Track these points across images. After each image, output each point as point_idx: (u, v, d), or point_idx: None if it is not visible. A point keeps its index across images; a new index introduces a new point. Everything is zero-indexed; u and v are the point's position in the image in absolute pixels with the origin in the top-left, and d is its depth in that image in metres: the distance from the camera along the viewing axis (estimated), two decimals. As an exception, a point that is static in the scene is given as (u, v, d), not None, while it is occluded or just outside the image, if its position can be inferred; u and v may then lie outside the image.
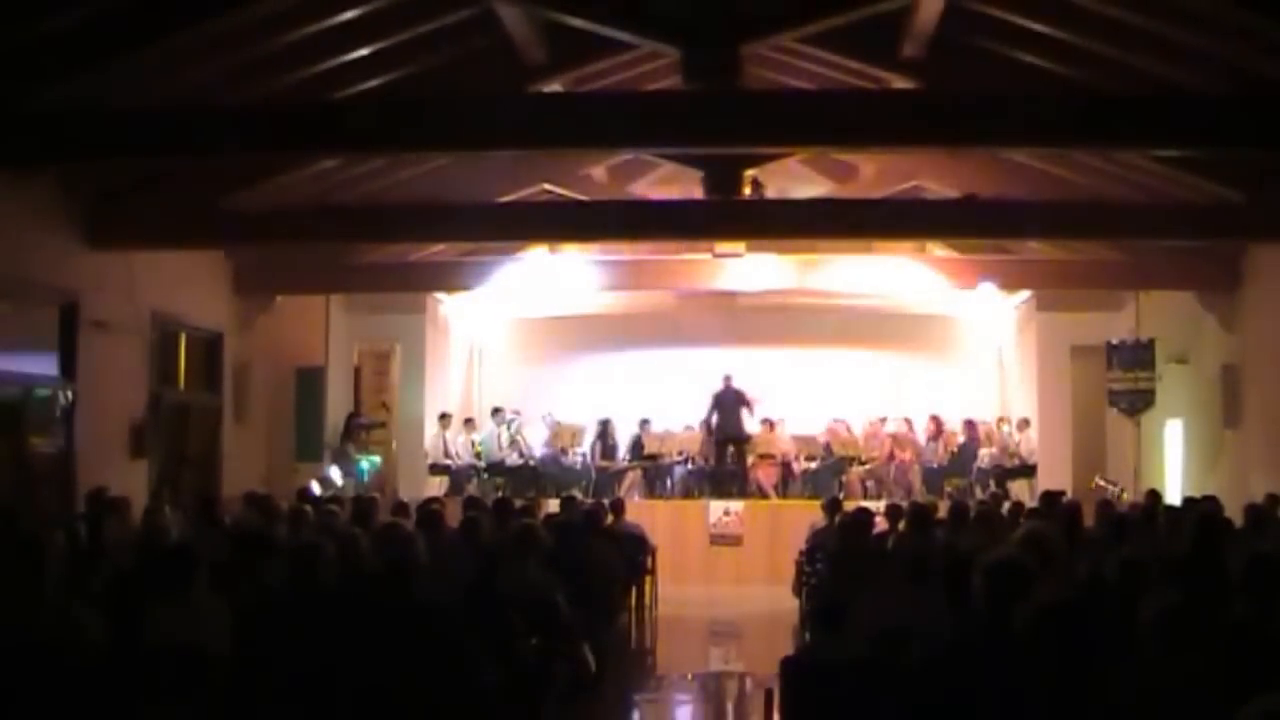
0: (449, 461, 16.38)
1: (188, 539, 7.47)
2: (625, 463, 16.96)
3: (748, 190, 11.63)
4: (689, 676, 10.95)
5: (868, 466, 16.57)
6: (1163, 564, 5.75)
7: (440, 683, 5.00)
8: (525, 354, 18.60)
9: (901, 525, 9.87)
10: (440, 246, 15.21)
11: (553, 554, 7.87)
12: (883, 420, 17.04)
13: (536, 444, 16.89)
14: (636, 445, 17.02)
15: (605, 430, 17.01)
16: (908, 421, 16.95)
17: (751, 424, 16.49)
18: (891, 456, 16.56)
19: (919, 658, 4.41)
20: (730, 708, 9.97)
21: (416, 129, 8.37)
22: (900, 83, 10.87)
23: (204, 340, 13.50)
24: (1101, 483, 14.73)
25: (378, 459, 15.37)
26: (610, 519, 11.57)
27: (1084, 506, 9.56)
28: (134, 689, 4.62)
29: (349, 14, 9.32)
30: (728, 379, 16.34)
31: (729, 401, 16.15)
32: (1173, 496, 12.66)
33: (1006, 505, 12.27)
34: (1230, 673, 3.99)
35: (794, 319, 17.71)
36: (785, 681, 5.38)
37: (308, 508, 9.58)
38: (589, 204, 13.60)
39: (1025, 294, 16.66)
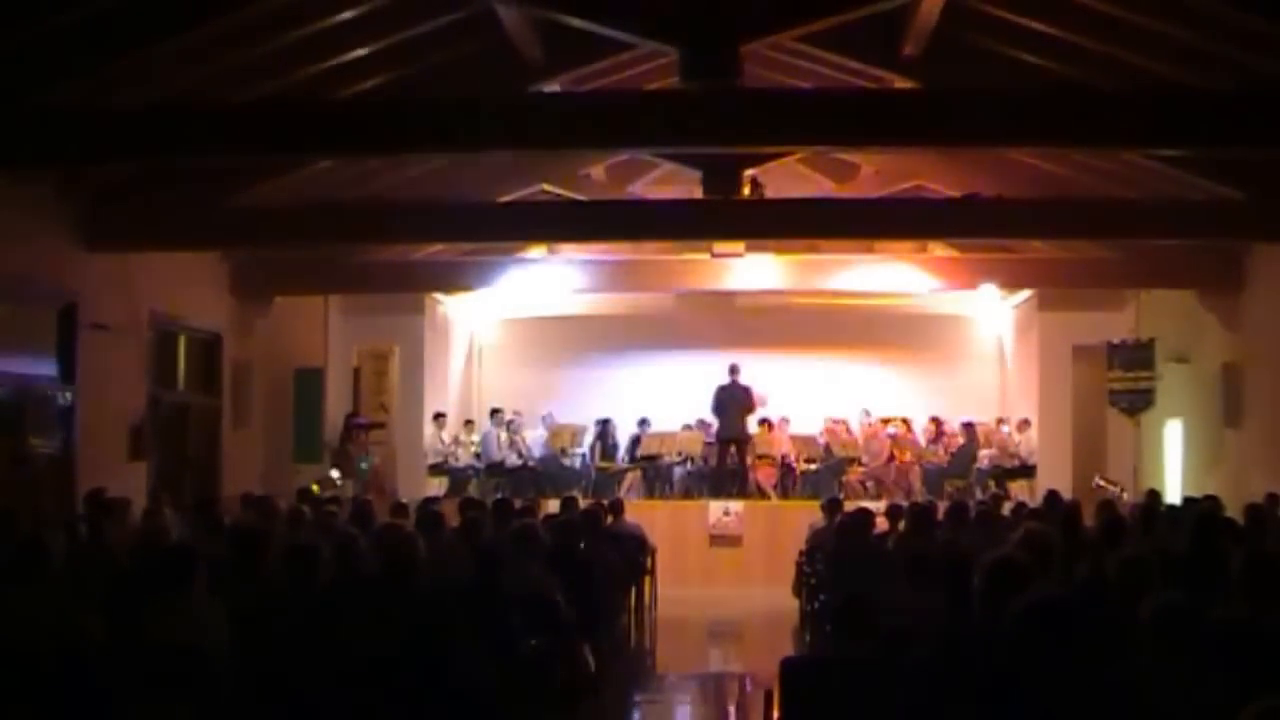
0: (447, 460, 16.38)
1: (187, 540, 7.46)
2: (625, 463, 16.96)
3: (747, 190, 11.63)
4: (689, 676, 10.94)
5: (868, 468, 16.56)
6: (1163, 564, 5.74)
7: (440, 683, 4.99)
8: (524, 354, 18.59)
9: (901, 525, 9.86)
10: (440, 246, 15.21)
11: (553, 554, 7.87)
12: (883, 421, 17.03)
13: (536, 444, 16.88)
14: (635, 446, 17.02)
15: (604, 431, 17.01)
16: (906, 422, 16.95)
17: (751, 424, 16.46)
18: (891, 458, 16.55)
19: (919, 658, 4.40)
20: (730, 708, 9.97)
21: (416, 129, 8.37)
22: (900, 83, 10.87)
23: (203, 341, 13.50)
24: (1101, 483, 14.73)
25: (373, 459, 15.35)
26: (609, 519, 11.56)
27: (1084, 506, 9.56)
28: (133, 689, 4.61)
29: (349, 14, 9.34)
30: (734, 371, 16.22)
31: (731, 401, 16.09)
32: (1173, 496, 12.66)
33: (1008, 505, 12.28)
34: (1230, 673, 3.98)
35: (793, 319, 17.69)
36: (785, 681, 5.37)
37: (306, 508, 9.58)
38: (588, 204, 13.60)
39: (1026, 293, 16.66)
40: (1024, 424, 16.29)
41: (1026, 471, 16.03)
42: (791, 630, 10.91)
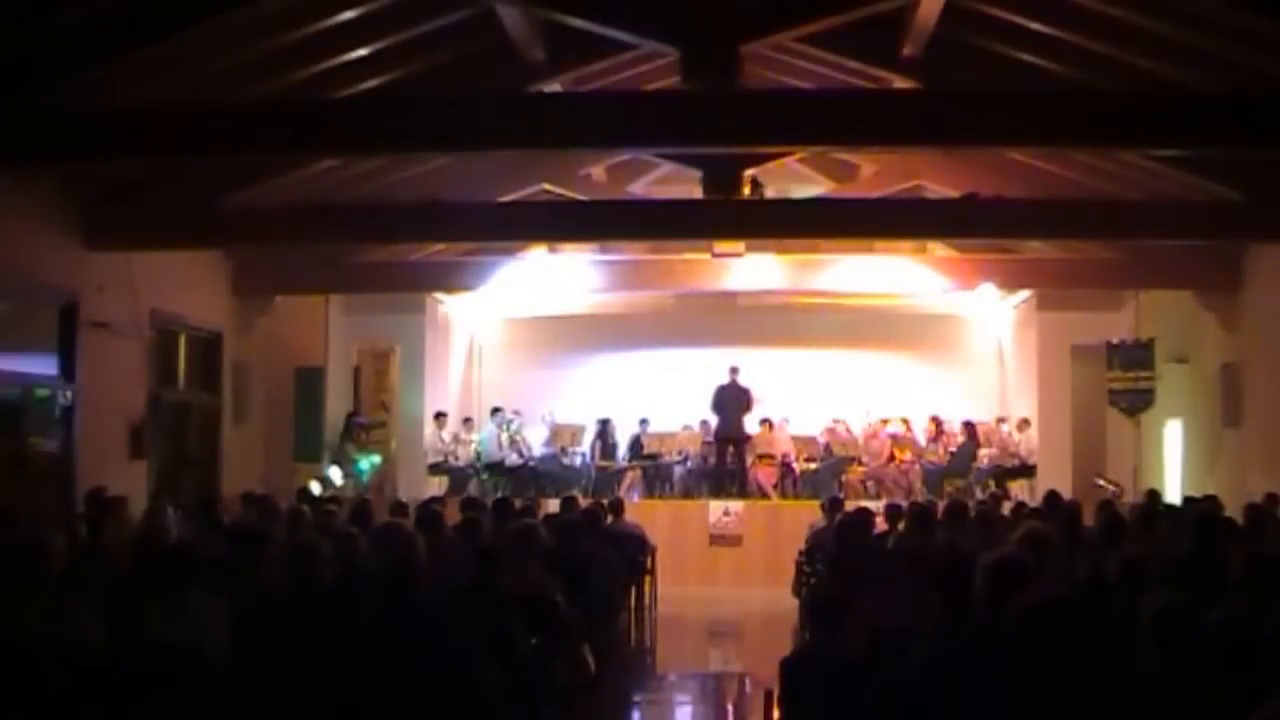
0: (447, 460, 16.38)
1: (187, 539, 7.46)
2: (625, 463, 16.96)
3: (747, 190, 11.63)
4: (688, 676, 10.93)
5: (868, 468, 16.56)
6: (1163, 564, 5.74)
7: (440, 683, 5.00)
8: (525, 354, 18.59)
9: (901, 525, 9.85)
10: (440, 246, 15.22)
11: (553, 554, 7.87)
12: (883, 421, 17.03)
13: (536, 444, 16.89)
14: (636, 445, 17.02)
15: (605, 430, 17.02)
16: (906, 422, 16.94)
17: (751, 424, 16.47)
18: (891, 457, 16.55)
19: (918, 657, 4.41)
20: (730, 708, 9.97)
21: (416, 129, 8.37)
22: (900, 82, 10.87)
23: (203, 340, 13.51)
24: (1101, 483, 14.73)
25: (378, 458, 15.37)
26: (610, 519, 11.56)
27: (1084, 506, 9.56)
28: (132, 689, 4.62)
29: (349, 14, 9.34)
30: (734, 371, 16.23)
31: (730, 400, 16.11)
32: (1173, 496, 12.66)
33: (1008, 505, 12.27)
34: (1229, 673, 3.98)
35: (793, 319, 17.70)
36: (785, 681, 5.38)
37: (306, 508, 9.58)
38: (588, 204, 13.60)
39: (1025, 293, 16.66)
40: (1024, 423, 16.28)
41: (1026, 471, 16.02)
42: (791, 630, 10.90)
